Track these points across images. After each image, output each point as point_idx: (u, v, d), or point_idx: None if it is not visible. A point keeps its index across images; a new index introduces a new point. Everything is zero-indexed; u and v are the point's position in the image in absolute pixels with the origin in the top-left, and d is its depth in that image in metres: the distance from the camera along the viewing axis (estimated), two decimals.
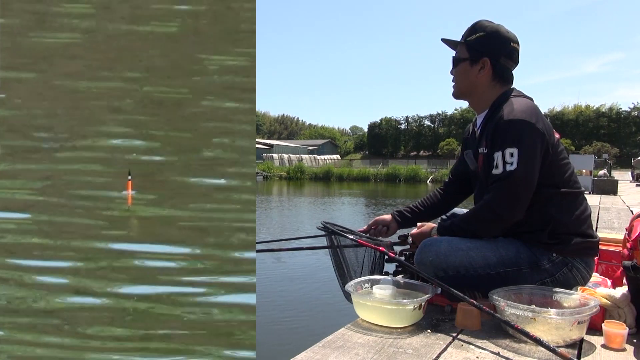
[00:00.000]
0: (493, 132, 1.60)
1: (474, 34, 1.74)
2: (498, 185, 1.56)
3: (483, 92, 1.75)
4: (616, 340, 1.33)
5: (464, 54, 1.76)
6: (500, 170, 1.55)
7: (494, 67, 1.72)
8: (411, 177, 41.01)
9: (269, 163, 51.01)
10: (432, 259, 1.62)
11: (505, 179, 1.53)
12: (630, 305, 1.46)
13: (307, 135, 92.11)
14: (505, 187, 1.54)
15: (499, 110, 1.63)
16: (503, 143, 1.55)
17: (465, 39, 1.76)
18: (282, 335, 3.85)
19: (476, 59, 1.73)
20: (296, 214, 14.09)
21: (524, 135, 1.54)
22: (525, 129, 1.55)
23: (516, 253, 1.59)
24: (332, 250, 1.89)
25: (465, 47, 1.76)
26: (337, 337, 1.39)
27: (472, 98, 1.82)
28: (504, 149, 1.54)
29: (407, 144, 61.55)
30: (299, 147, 66.49)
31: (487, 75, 1.73)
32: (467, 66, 1.75)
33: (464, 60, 1.76)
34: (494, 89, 1.74)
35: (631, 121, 48.59)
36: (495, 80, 1.73)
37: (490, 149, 1.62)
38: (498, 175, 1.56)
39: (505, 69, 1.74)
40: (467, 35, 1.77)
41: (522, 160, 1.52)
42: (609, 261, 1.95)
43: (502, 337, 1.39)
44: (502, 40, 1.73)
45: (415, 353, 1.28)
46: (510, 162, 1.52)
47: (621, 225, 4.55)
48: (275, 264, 6.37)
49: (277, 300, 4.82)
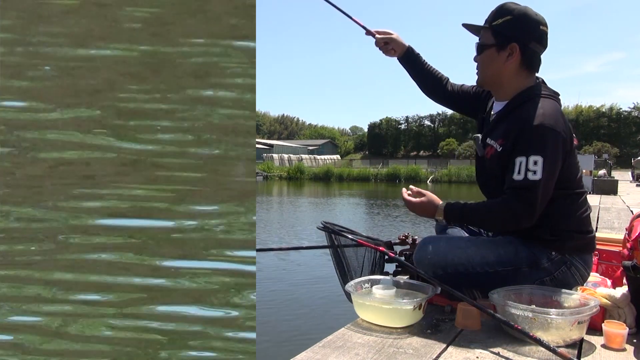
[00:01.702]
0: (517, 134, 1.53)
1: (501, 17, 1.61)
2: (519, 193, 1.50)
3: (509, 80, 1.64)
4: (616, 340, 1.33)
5: (489, 39, 1.64)
6: (522, 177, 1.48)
7: (522, 52, 1.60)
8: (411, 177, 40.98)
9: (269, 163, 51.01)
10: (430, 257, 1.62)
11: (528, 189, 1.48)
12: (630, 305, 1.46)
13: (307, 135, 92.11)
14: (527, 195, 1.49)
15: (524, 108, 1.56)
16: (528, 149, 1.49)
17: (490, 24, 1.63)
18: (282, 335, 3.85)
19: (504, 45, 1.61)
20: (296, 214, 14.09)
21: (549, 143, 1.49)
22: (552, 137, 1.50)
23: (515, 252, 1.59)
24: (333, 250, 1.89)
25: (491, 32, 1.63)
26: (337, 337, 1.39)
27: (497, 86, 1.70)
28: (528, 156, 1.48)
29: (407, 144, 61.56)
30: (299, 147, 66.49)
31: (515, 62, 1.62)
32: (493, 53, 1.63)
33: (489, 46, 1.64)
34: (520, 76, 1.64)
35: (631, 121, 48.60)
36: (523, 67, 1.63)
37: (510, 150, 1.54)
38: (519, 182, 1.49)
39: (534, 55, 1.63)
40: (492, 19, 1.63)
41: (546, 170, 1.47)
42: (609, 261, 1.95)
43: (502, 337, 1.39)
44: (532, 23, 1.60)
45: (415, 353, 1.28)
46: (533, 170, 1.47)
47: (621, 225, 4.55)
48: (276, 264, 6.36)
49: (277, 300, 4.82)
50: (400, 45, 1.94)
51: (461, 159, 47.55)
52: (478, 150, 1.74)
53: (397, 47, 1.94)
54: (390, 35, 1.93)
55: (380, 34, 1.93)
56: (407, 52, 1.95)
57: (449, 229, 1.88)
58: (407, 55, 1.95)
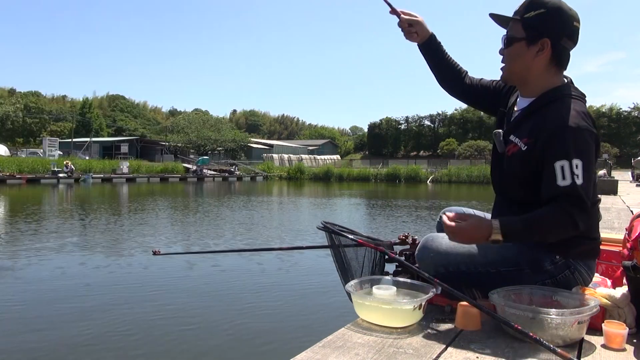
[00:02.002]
0: (550, 136, 1.46)
1: (533, 10, 1.52)
2: (571, 199, 1.43)
3: (537, 76, 1.57)
4: (616, 340, 1.33)
5: (519, 32, 1.55)
6: (569, 183, 1.41)
7: (553, 48, 1.53)
8: (411, 177, 41.01)
9: (269, 163, 51.00)
10: (433, 255, 1.61)
11: (578, 195, 1.42)
12: (630, 305, 1.46)
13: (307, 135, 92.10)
14: (579, 202, 1.43)
15: (554, 108, 1.50)
16: (569, 152, 1.42)
17: (522, 16, 1.55)
18: (283, 335, 3.85)
19: (534, 39, 1.53)
20: (296, 214, 14.09)
21: (587, 146, 1.45)
22: (589, 140, 1.45)
23: (518, 253, 1.58)
24: (333, 250, 1.89)
25: (521, 25, 1.55)
26: (337, 337, 1.39)
27: (523, 82, 1.62)
28: (570, 159, 1.42)
29: (407, 144, 61.58)
30: (299, 147, 66.50)
31: (545, 58, 1.54)
32: (522, 47, 1.56)
33: (519, 39, 1.56)
34: (549, 73, 1.57)
35: (631, 121, 48.61)
36: (552, 64, 1.56)
37: (540, 151, 1.48)
38: (568, 188, 1.42)
39: (564, 52, 1.55)
40: (523, 11, 1.55)
41: (586, 173, 1.43)
42: (609, 261, 1.95)
43: (502, 337, 1.39)
44: (565, 18, 1.52)
45: (415, 353, 1.27)
46: (577, 174, 1.41)
47: (621, 225, 4.54)
48: (276, 264, 6.36)
49: (277, 300, 4.82)
50: (424, 31, 1.82)
51: (461, 159, 47.54)
52: (498, 147, 1.66)
53: (420, 32, 1.82)
54: (416, 18, 1.82)
55: (405, 14, 1.81)
56: (430, 39, 1.84)
57: None
58: (429, 43, 1.84)
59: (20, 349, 3.48)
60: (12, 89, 74.28)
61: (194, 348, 3.52)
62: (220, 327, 4.03)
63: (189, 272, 5.90)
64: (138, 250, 7.25)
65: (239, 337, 3.80)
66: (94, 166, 36.32)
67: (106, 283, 5.35)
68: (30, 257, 6.65)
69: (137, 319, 4.16)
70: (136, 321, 4.09)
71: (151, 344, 3.64)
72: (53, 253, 6.98)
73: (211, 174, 41.15)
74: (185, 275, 5.76)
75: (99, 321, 4.05)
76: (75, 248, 7.45)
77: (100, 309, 4.40)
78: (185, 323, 4.06)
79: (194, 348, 3.52)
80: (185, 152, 55.88)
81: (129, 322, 4.05)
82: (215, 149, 56.71)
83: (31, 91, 69.90)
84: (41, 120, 59.13)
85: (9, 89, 74.16)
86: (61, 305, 4.52)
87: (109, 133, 65.53)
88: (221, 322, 4.14)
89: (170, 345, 3.59)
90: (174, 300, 4.76)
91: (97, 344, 3.57)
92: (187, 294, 4.96)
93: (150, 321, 4.10)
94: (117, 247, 7.62)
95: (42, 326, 3.93)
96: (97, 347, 3.51)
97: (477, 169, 40.04)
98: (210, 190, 26.53)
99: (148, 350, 3.53)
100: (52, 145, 38.78)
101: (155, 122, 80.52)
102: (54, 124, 60.07)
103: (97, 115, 66.03)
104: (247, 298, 4.86)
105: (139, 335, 3.78)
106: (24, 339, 3.66)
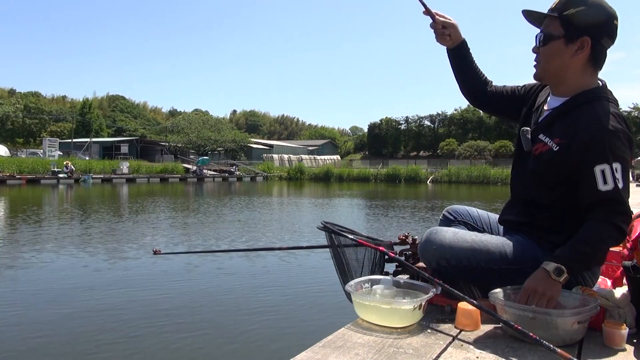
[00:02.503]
0: (588, 140, 1.43)
1: (573, 7, 1.47)
2: (613, 205, 1.41)
3: (573, 75, 1.53)
4: (616, 340, 1.33)
5: (557, 30, 1.51)
6: (612, 187, 1.40)
7: (593, 47, 1.49)
8: (411, 177, 41.03)
9: (269, 163, 51.01)
10: (436, 247, 1.60)
11: (622, 201, 1.42)
12: (630, 305, 1.45)
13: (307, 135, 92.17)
14: (622, 208, 1.42)
15: (591, 110, 1.47)
16: (608, 156, 1.40)
17: (560, 13, 1.50)
18: (283, 335, 3.85)
19: (574, 37, 1.49)
20: (296, 214, 14.09)
21: (624, 148, 1.44)
22: (625, 142, 1.44)
23: (522, 252, 1.57)
24: (333, 250, 1.89)
25: (559, 22, 1.50)
26: (337, 337, 1.39)
27: (558, 81, 1.57)
28: (611, 163, 1.40)
29: (407, 144, 61.56)
30: (298, 148, 66.54)
31: (583, 57, 1.50)
32: (560, 45, 1.51)
33: (557, 37, 1.51)
34: (585, 73, 1.53)
35: (631, 121, 48.55)
36: (589, 63, 1.52)
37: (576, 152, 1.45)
38: (608, 193, 1.40)
39: (603, 50, 1.52)
40: (562, 8, 1.49)
41: (625, 176, 1.41)
42: (609, 261, 1.94)
43: (502, 337, 1.39)
44: (606, 16, 1.48)
45: (415, 353, 1.27)
46: (618, 178, 1.40)
47: None
48: (276, 264, 6.36)
49: (277, 299, 4.82)
50: (457, 35, 1.79)
51: (461, 159, 47.53)
52: (524, 145, 1.63)
53: (453, 35, 1.79)
54: (450, 20, 1.79)
55: (439, 16, 1.78)
56: (462, 44, 1.81)
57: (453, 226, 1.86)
58: (459, 48, 1.81)
59: (20, 349, 3.48)
60: (12, 89, 74.35)
61: (193, 347, 3.52)
62: (220, 326, 4.03)
63: (189, 272, 5.90)
64: (138, 250, 7.25)
65: (239, 336, 3.80)
66: (94, 166, 36.33)
67: (106, 282, 5.35)
68: (30, 257, 6.65)
69: (136, 318, 4.15)
70: (135, 320, 4.08)
71: (151, 343, 3.63)
72: (53, 253, 6.98)
73: (211, 174, 41.17)
74: (185, 275, 5.76)
75: (98, 321, 4.05)
76: (75, 248, 7.45)
77: (100, 308, 4.40)
78: (184, 323, 4.06)
79: (193, 347, 3.52)
80: (185, 153, 55.90)
81: (128, 321, 4.05)
82: (215, 149, 56.73)
83: (31, 91, 70.01)
84: (41, 121, 59.13)
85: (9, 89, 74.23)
86: (61, 305, 4.51)
87: (109, 133, 65.55)
88: (221, 322, 4.14)
89: (169, 345, 3.59)
90: (173, 299, 4.76)
91: (97, 344, 3.56)
92: (187, 294, 4.96)
93: (150, 321, 4.10)
94: (117, 246, 7.62)
95: (42, 326, 3.93)
96: (97, 347, 3.51)
97: (477, 169, 40.07)
98: (210, 190, 26.53)
99: (148, 350, 3.53)
100: (52, 146, 38.78)
101: (155, 123, 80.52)
102: (54, 125, 60.08)
103: (97, 116, 66.03)
104: (247, 298, 4.86)
105: (139, 335, 3.77)
106: (24, 339, 3.66)
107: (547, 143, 1.54)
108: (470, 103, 1.92)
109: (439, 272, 1.61)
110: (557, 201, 1.56)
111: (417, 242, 1.96)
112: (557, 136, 1.52)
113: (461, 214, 1.91)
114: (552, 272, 1.38)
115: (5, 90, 73.03)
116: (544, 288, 1.39)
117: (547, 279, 1.39)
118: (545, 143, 1.55)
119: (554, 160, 1.51)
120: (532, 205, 1.62)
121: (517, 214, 1.68)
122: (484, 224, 1.87)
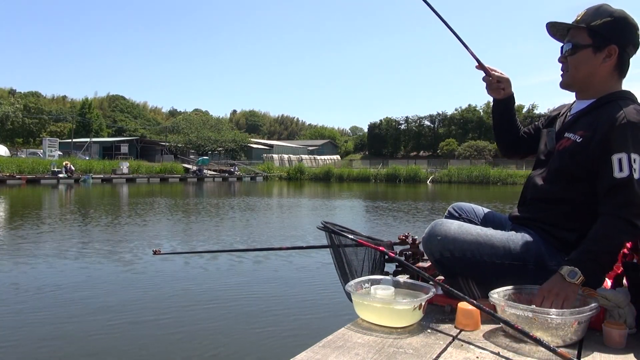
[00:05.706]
0: (608, 130, 1.47)
1: (599, 18, 1.57)
2: (624, 192, 1.42)
3: (601, 81, 1.60)
4: (616, 340, 1.33)
5: (585, 40, 1.59)
6: (626, 174, 1.42)
7: (619, 56, 1.57)
8: (411, 177, 41.04)
9: (269, 163, 51.03)
10: (440, 238, 1.60)
11: (633, 191, 1.41)
12: (630, 305, 1.45)
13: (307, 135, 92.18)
14: (635, 197, 1.42)
15: (615, 106, 1.51)
16: (628, 146, 1.43)
17: (587, 24, 1.58)
18: (282, 335, 3.85)
19: (601, 47, 1.57)
20: (297, 214, 14.09)
21: None
22: None
23: (526, 248, 1.57)
24: (333, 250, 1.89)
25: (587, 33, 1.58)
26: (337, 337, 1.39)
27: (586, 87, 1.64)
28: (629, 153, 1.42)
29: (407, 144, 61.60)
30: (299, 148, 66.55)
31: (611, 65, 1.58)
32: (589, 54, 1.59)
33: (585, 47, 1.59)
34: (612, 80, 1.61)
35: None
36: (616, 71, 1.60)
37: (598, 142, 1.48)
38: (622, 180, 1.42)
39: (628, 59, 1.61)
40: (589, 19, 1.58)
41: None
42: None
43: (502, 337, 1.39)
44: (631, 27, 1.58)
45: (415, 353, 1.27)
46: (635, 168, 1.42)
47: None
48: (276, 264, 6.36)
49: (277, 299, 4.82)
50: (509, 88, 1.88)
51: (461, 159, 47.55)
52: (548, 144, 1.70)
53: (507, 88, 1.87)
54: (504, 75, 1.87)
55: (493, 71, 1.86)
56: (510, 97, 1.89)
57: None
58: (508, 101, 1.89)
59: (19, 349, 3.48)
60: (12, 89, 74.34)
61: (193, 347, 3.52)
62: (220, 326, 4.03)
63: (189, 272, 5.90)
64: (138, 250, 7.25)
65: (239, 336, 3.80)
66: (93, 166, 36.31)
67: (106, 283, 5.35)
68: (30, 257, 6.65)
69: (136, 318, 4.15)
70: (135, 320, 4.08)
71: (151, 343, 3.63)
72: (53, 253, 6.98)
73: (211, 174, 41.17)
74: (185, 275, 5.76)
75: (98, 321, 4.05)
76: (75, 248, 7.44)
77: (100, 308, 4.39)
78: (184, 322, 4.06)
79: (193, 347, 3.52)
80: (185, 153, 55.91)
81: (128, 321, 4.05)
82: (215, 149, 56.74)
83: (31, 91, 70.05)
84: (41, 121, 59.12)
85: (8, 89, 74.22)
86: (61, 305, 4.51)
87: (109, 133, 65.56)
88: (221, 322, 4.14)
89: (169, 345, 3.59)
90: (173, 299, 4.76)
91: (97, 344, 3.56)
92: (187, 294, 4.96)
93: (149, 320, 4.10)
94: (117, 246, 7.62)
95: (41, 326, 3.93)
96: (97, 347, 3.51)
97: (477, 169, 40.07)
98: (210, 190, 26.53)
99: (148, 349, 3.53)
100: (52, 146, 38.74)
101: (155, 123, 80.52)
102: (54, 125, 60.08)
103: (97, 116, 66.03)
104: (247, 298, 4.86)
105: (139, 335, 3.78)
106: (24, 339, 3.66)
107: (571, 137, 1.59)
108: (502, 151, 2.00)
109: (442, 263, 1.62)
110: (573, 197, 1.57)
111: (417, 242, 1.96)
112: (580, 130, 1.57)
113: (466, 211, 1.92)
114: (566, 275, 1.41)
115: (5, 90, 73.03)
116: (558, 289, 1.41)
117: (562, 281, 1.42)
118: (568, 138, 1.59)
119: (576, 152, 1.55)
120: (546, 201, 1.64)
121: (529, 210, 1.70)
122: (489, 222, 1.87)
